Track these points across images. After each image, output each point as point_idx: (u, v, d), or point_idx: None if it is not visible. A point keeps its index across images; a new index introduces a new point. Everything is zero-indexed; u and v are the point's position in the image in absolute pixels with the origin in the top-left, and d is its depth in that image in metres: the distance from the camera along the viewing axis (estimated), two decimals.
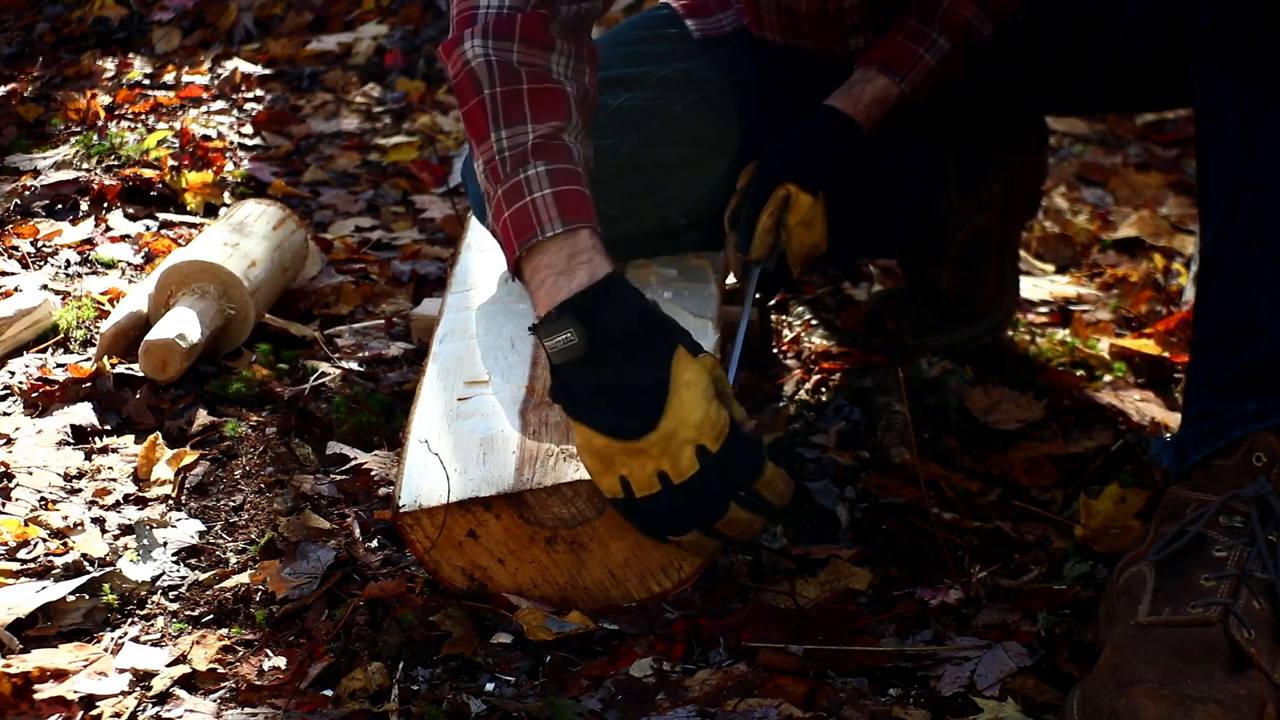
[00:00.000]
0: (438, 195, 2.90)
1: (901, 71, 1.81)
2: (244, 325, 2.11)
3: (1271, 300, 1.43)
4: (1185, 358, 1.88)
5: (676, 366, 1.44)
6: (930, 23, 1.81)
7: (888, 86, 1.81)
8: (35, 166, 2.79)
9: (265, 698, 1.41)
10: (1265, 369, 1.44)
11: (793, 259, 1.79)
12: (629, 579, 1.54)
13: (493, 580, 1.55)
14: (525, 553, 1.53)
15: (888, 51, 1.83)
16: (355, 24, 3.91)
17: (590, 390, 1.45)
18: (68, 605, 1.54)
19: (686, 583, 1.55)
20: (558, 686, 1.43)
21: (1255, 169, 1.44)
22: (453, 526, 1.51)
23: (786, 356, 2.21)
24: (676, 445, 1.43)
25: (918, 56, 1.81)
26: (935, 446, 1.91)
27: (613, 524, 1.51)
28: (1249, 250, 1.45)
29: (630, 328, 1.46)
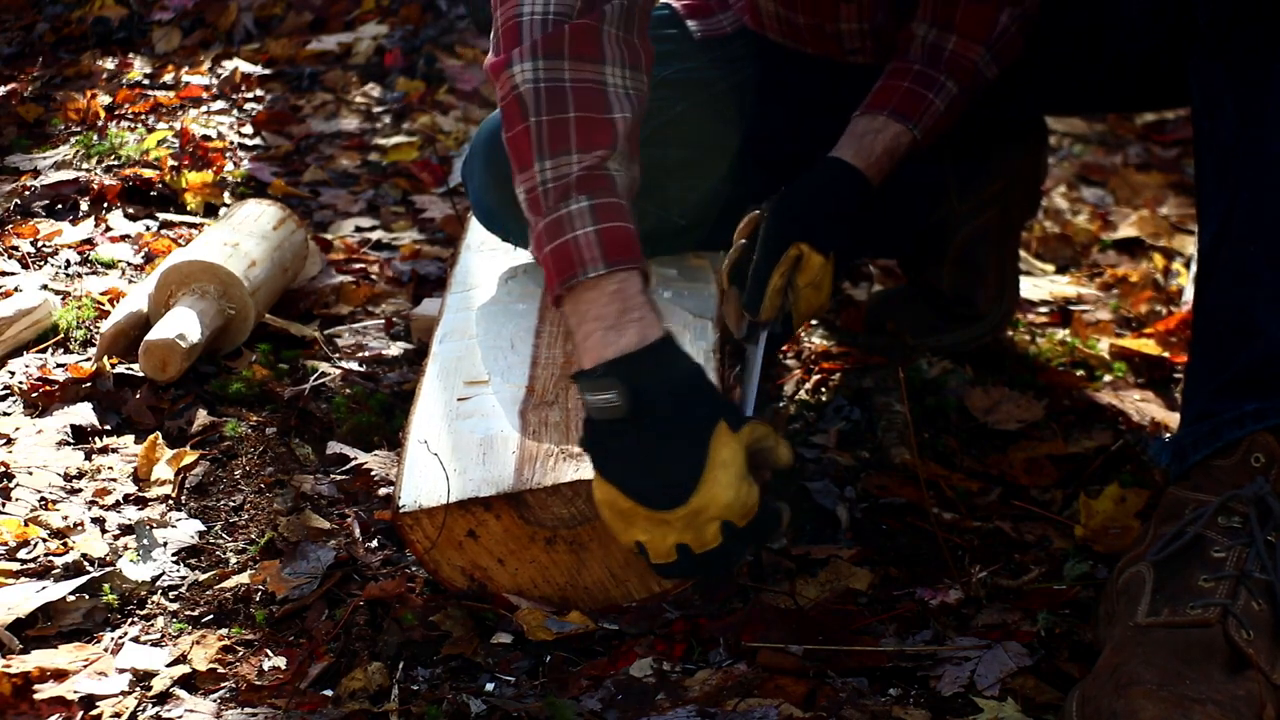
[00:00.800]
0: (438, 195, 2.90)
1: (913, 119, 1.75)
2: (244, 325, 2.11)
3: (1269, 300, 1.43)
4: (1185, 358, 1.88)
5: (716, 443, 1.40)
6: (937, 66, 1.77)
7: (899, 135, 1.74)
8: (35, 166, 2.79)
9: (265, 698, 1.41)
10: (1263, 369, 1.44)
11: (798, 319, 1.71)
12: (629, 578, 1.54)
13: (493, 580, 1.55)
14: (525, 553, 1.53)
15: (897, 97, 1.76)
16: (355, 24, 3.91)
17: (625, 452, 1.42)
18: (68, 605, 1.54)
19: (686, 582, 1.55)
20: (558, 686, 1.43)
21: (1252, 168, 1.44)
22: (453, 526, 1.51)
23: (786, 356, 2.21)
24: (702, 522, 1.41)
25: (928, 102, 1.75)
26: (935, 446, 1.91)
27: None
28: (1246, 250, 1.45)
29: (675, 398, 1.42)
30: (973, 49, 1.76)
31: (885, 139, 1.74)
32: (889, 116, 1.75)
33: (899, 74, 1.78)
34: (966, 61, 1.77)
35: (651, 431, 1.41)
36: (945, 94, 1.76)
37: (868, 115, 1.76)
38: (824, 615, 1.53)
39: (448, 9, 3.94)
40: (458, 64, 3.64)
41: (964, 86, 1.77)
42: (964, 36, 1.76)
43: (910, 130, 1.75)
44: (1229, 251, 1.47)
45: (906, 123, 1.75)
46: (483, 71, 3.61)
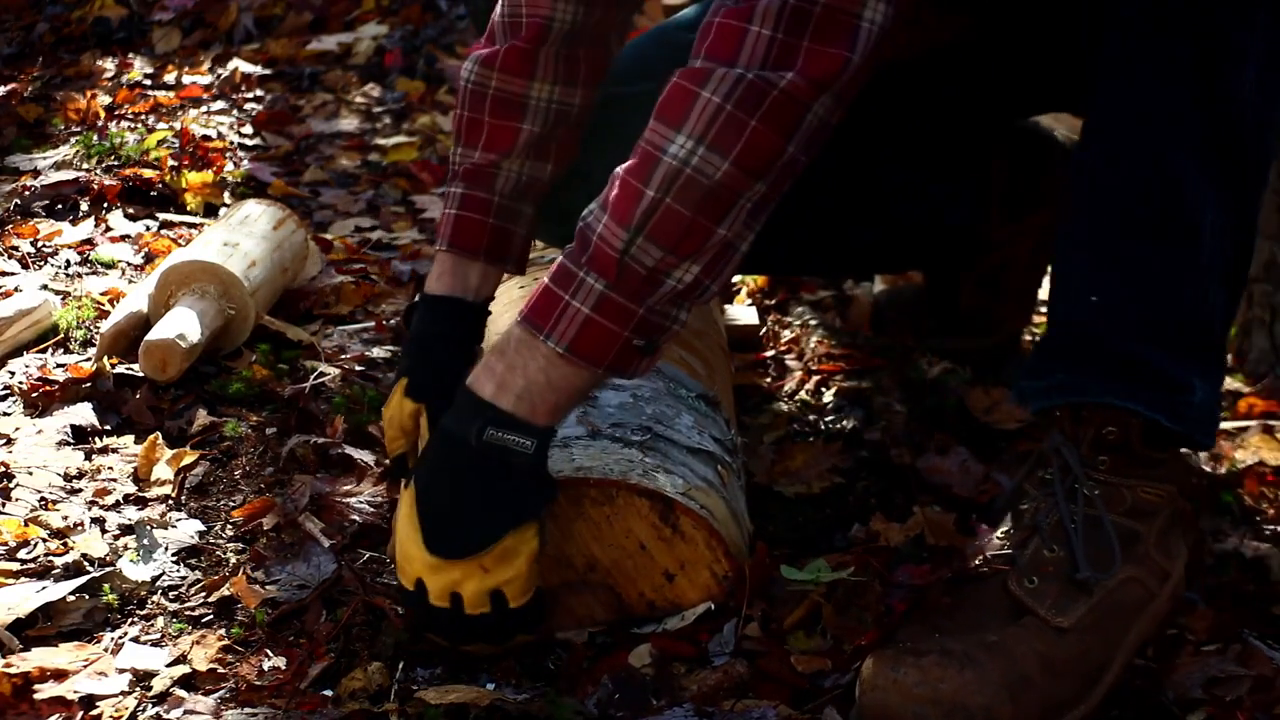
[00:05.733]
0: (438, 195, 2.90)
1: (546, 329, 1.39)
2: (244, 325, 2.11)
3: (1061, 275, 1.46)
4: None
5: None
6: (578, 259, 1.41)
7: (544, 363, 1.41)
8: (35, 166, 2.79)
9: (265, 698, 1.41)
10: (1061, 342, 1.46)
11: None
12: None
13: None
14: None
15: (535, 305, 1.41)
16: (355, 24, 3.91)
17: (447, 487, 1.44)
18: (68, 605, 1.54)
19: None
20: (558, 686, 1.44)
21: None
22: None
23: (787, 357, 2.21)
24: (480, 581, 1.42)
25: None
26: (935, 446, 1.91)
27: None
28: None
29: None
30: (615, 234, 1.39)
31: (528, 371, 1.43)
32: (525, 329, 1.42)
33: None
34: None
35: (475, 476, 1.42)
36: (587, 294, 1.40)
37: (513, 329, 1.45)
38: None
39: (448, 9, 3.94)
40: (458, 64, 3.64)
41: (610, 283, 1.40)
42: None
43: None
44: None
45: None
46: None
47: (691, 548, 1.53)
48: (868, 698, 1.31)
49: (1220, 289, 1.42)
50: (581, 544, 1.53)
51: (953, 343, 2.14)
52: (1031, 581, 1.38)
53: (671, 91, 1.35)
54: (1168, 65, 1.37)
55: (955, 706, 1.28)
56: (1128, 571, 1.40)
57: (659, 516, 1.52)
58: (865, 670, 1.32)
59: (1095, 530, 1.40)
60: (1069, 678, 1.34)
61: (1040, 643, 1.34)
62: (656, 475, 1.52)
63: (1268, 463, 1.88)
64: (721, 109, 1.32)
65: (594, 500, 1.51)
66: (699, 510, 1.51)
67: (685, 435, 1.61)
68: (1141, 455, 1.42)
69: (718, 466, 1.61)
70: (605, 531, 1.52)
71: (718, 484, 1.59)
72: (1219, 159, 1.38)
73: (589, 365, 1.38)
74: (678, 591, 1.54)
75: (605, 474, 1.51)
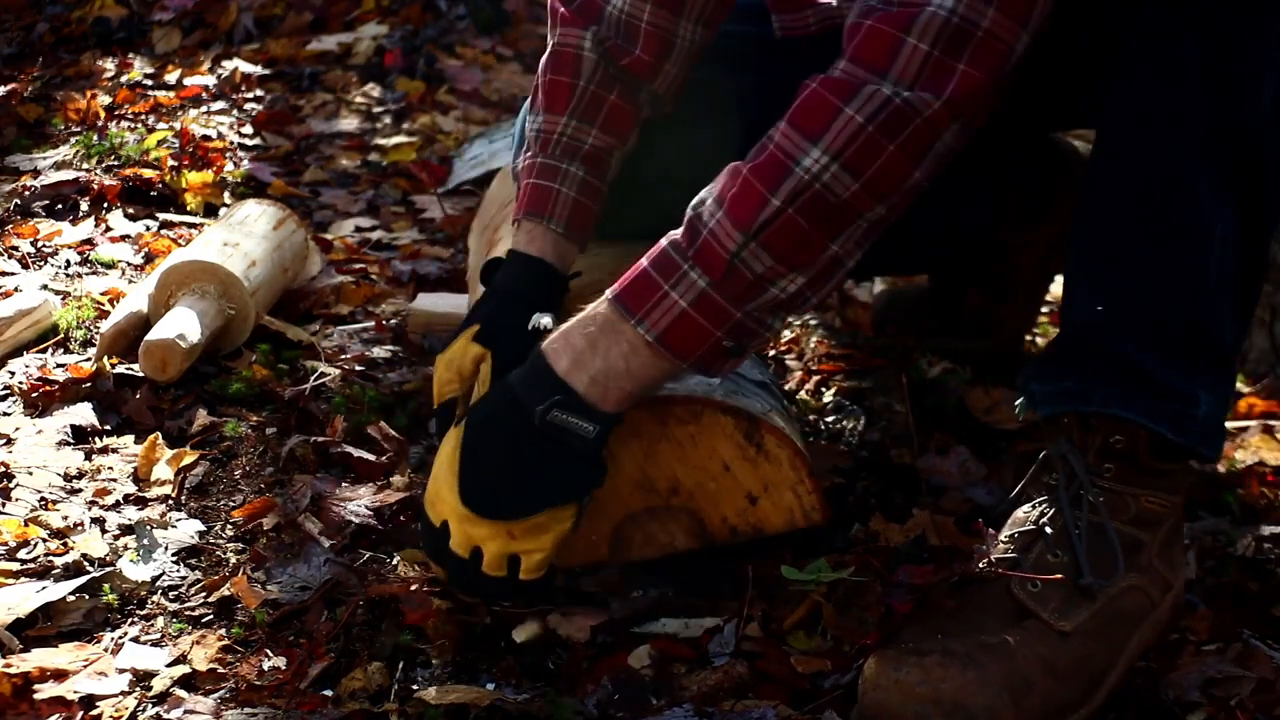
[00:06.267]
0: (438, 195, 2.90)
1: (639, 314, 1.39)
2: (244, 325, 2.11)
3: (1075, 282, 1.46)
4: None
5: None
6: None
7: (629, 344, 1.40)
8: (35, 166, 2.79)
9: (265, 698, 1.41)
10: (1073, 348, 1.46)
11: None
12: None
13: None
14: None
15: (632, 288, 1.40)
16: (355, 24, 3.91)
17: (493, 449, 1.44)
18: (68, 605, 1.54)
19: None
20: (558, 686, 1.44)
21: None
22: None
23: (787, 357, 2.21)
24: (505, 543, 1.43)
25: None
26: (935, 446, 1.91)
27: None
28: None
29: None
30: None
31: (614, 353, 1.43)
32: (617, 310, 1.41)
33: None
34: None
35: (528, 448, 1.41)
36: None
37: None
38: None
39: (448, 9, 3.94)
40: (458, 64, 3.64)
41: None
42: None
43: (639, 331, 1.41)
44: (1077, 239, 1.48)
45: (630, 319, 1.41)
46: (487, 54, 3.61)
47: (776, 468, 1.52)
48: (869, 697, 1.31)
49: (1230, 301, 1.41)
50: (665, 466, 1.52)
51: (953, 343, 2.13)
52: (1035, 585, 1.38)
53: (811, 99, 1.33)
54: (1181, 76, 1.36)
55: (957, 707, 1.28)
56: (1130, 580, 1.40)
57: (744, 435, 1.51)
58: (867, 670, 1.32)
59: (1099, 537, 1.40)
60: (1071, 681, 1.35)
61: (1042, 646, 1.35)
62: (737, 398, 1.52)
63: (1268, 463, 1.88)
64: (863, 130, 1.30)
65: (679, 419, 1.50)
66: (782, 429, 1.51)
67: (749, 371, 1.62)
68: (1147, 466, 1.42)
69: (781, 400, 1.62)
70: (689, 452, 1.51)
71: (787, 415, 1.59)
72: (1231, 170, 1.37)
73: (676, 358, 1.38)
74: (760, 515, 1.53)
75: (690, 393, 1.50)
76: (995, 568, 1.40)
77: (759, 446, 1.51)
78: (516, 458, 1.42)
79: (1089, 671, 1.36)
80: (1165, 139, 1.38)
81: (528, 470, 1.42)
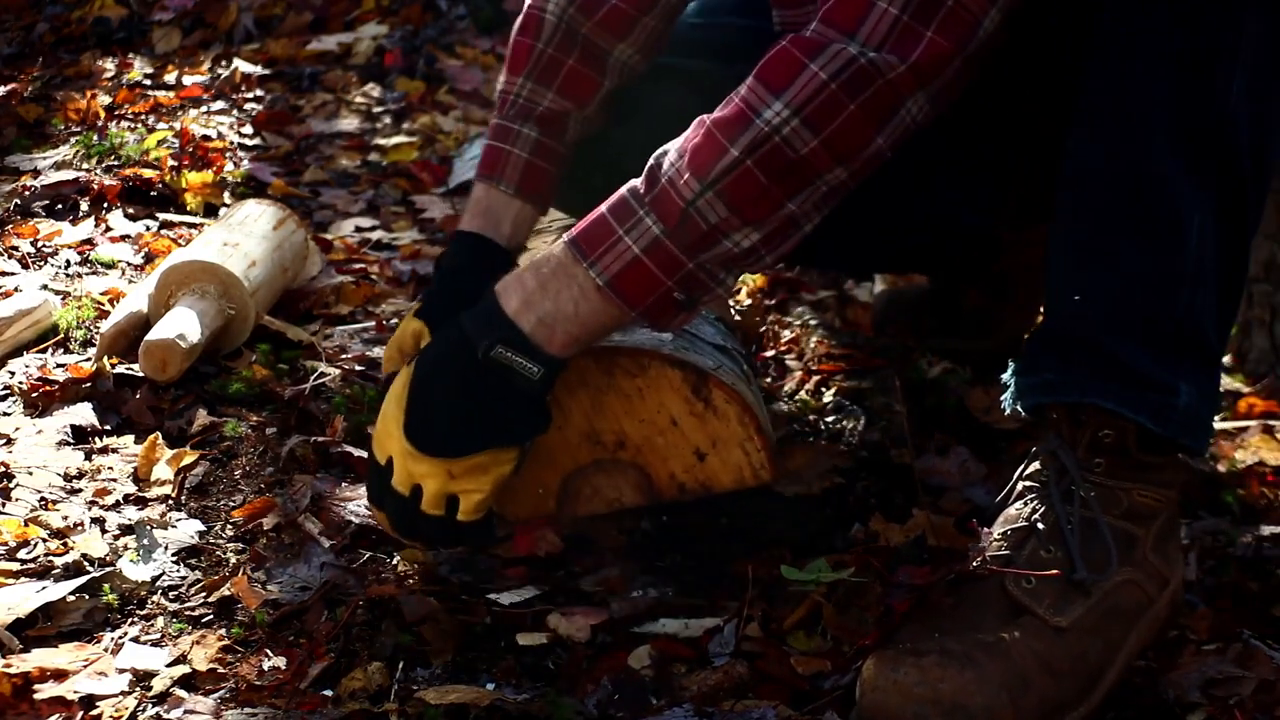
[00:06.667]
0: (438, 195, 2.90)
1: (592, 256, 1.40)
2: (244, 325, 2.11)
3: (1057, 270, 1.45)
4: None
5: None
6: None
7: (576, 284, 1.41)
8: (35, 166, 2.79)
9: (265, 698, 1.41)
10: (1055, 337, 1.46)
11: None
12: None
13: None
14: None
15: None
16: (355, 24, 3.91)
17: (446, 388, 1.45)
18: (68, 605, 1.54)
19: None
20: (558, 686, 1.44)
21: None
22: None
23: (787, 357, 2.21)
24: (444, 481, 1.45)
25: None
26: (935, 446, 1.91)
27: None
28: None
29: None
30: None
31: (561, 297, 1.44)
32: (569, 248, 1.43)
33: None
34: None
35: (472, 385, 1.42)
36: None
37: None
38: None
39: (448, 9, 3.94)
40: (458, 64, 3.64)
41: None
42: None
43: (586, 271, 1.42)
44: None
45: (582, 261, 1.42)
46: (488, 54, 3.61)
47: (724, 424, 1.51)
48: (868, 699, 1.31)
49: (1211, 292, 1.40)
50: (612, 418, 1.51)
51: (953, 343, 2.13)
52: (1029, 582, 1.38)
53: (779, 54, 1.35)
54: (1153, 62, 1.36)
55: (955, 707, 1.28)
56: (1125, 574, 1.40)
57: (691, 390, 1.51)
58: (866, 671, 1.32)
59: (1091, 532, 1.40)
60: (1068, 678, 1.34)
61: (1039, 642, 1.34)
62: (687, 353, 1.52)
63: (1268, 463, 1.88)
64: (826, 86, 1.32)
65: (626, 371, 1.50)
66: (731, 385, 1.51)
67: (709, 337, 1.62)
68: (1138, 460, 1.42)
69: (743, 365, 1.61)
70: (637, 405, 1.51)
71: (742, 377, 1.58)
72: (1205, 160, 1.37)
73: (625, 305, 1.38)
74: (709, 472, 1.53)
75: (638, 345, 1.50)
76: (989, 565, 1.40)
77: (707, 401, 1.50)
78: (460, 394, 1.42)
79: (1086, 668, 1.36)
80: (1137, 128, 1.38)
81: (471, 408, 1.42)
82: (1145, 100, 1.37)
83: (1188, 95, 1.35)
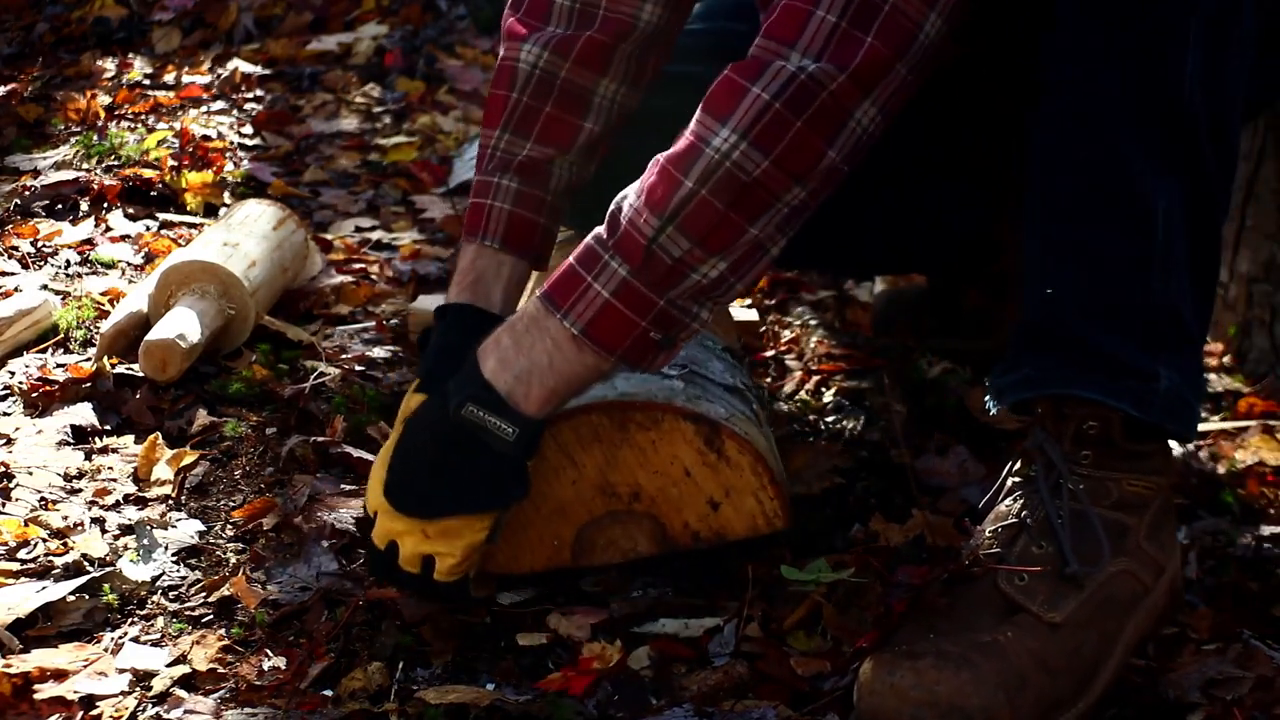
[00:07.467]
0: (438, 195, 2.90)
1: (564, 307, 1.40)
2: (244, 325, 2.11)
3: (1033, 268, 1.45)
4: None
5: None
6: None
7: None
8: (35, 166, 2.79)
9: (265, 698, 1.41)
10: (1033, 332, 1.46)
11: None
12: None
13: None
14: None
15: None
16: (355, 24, 3.91)
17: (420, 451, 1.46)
18: (68, 605, 1.54)
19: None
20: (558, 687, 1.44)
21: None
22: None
23: (787, 357, 2.21)
24: (419, 543, 1.45)
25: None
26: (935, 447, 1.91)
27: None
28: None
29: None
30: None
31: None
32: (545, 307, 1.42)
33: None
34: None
35: (444, 446, 1.43)
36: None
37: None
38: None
39: (448, 9, 3.94)
40: (458, 64, 3.64)
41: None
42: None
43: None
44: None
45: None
46: (487, 54, 3.61)
47: (737, 474, 1.52)
48: (865, 702, 1.31)
49: (1183, 275, 1.40)
50: (626, 471, 1.52)
51: (953, 343, 2.14)
52: (1022, 579, 1.38)
53: (721, 84, 1.35)
54: (1107, 50, 1.36)
55: (952, 708, 1.28)
56: (1119, 564, 1.40)
57: (704, 441, 1.51)
58: (862, 674, 1.32)
59: (1082, 525, 1.40)
60: (1065, 675, 1.34)
61: (1034, 640, 1.34)
62: (700, 403, 1.52)
63: (1268, 463, 1.88)
64: (770, 106, 1.32)
65: (640, 425, 1.51)
66: (744, 435, 1.51)
67: (719, 376, 1.62)
68: (1124, 448, 1.42)
69: (753, 405, 1.62)
70: (650, 457, 1.52)
71: (754, 420, 1.59)
72: (1166, 144, 1.37)
73: (603, 350, 1.38)
74: (723, 520, 1.53)
75: (650, 398, 1.51)
76: (980, 563, 1.40)
77: (720, 452, 1.51)
78: (435, 456, 1.43)
79: (1082, 663, 1.36)
80: (1096, 117, 1.38)
81: (446, 471, 1.42)
82: (1102, 88, 1.37)
83: (1144, 81, 1.36)
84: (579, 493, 1.52)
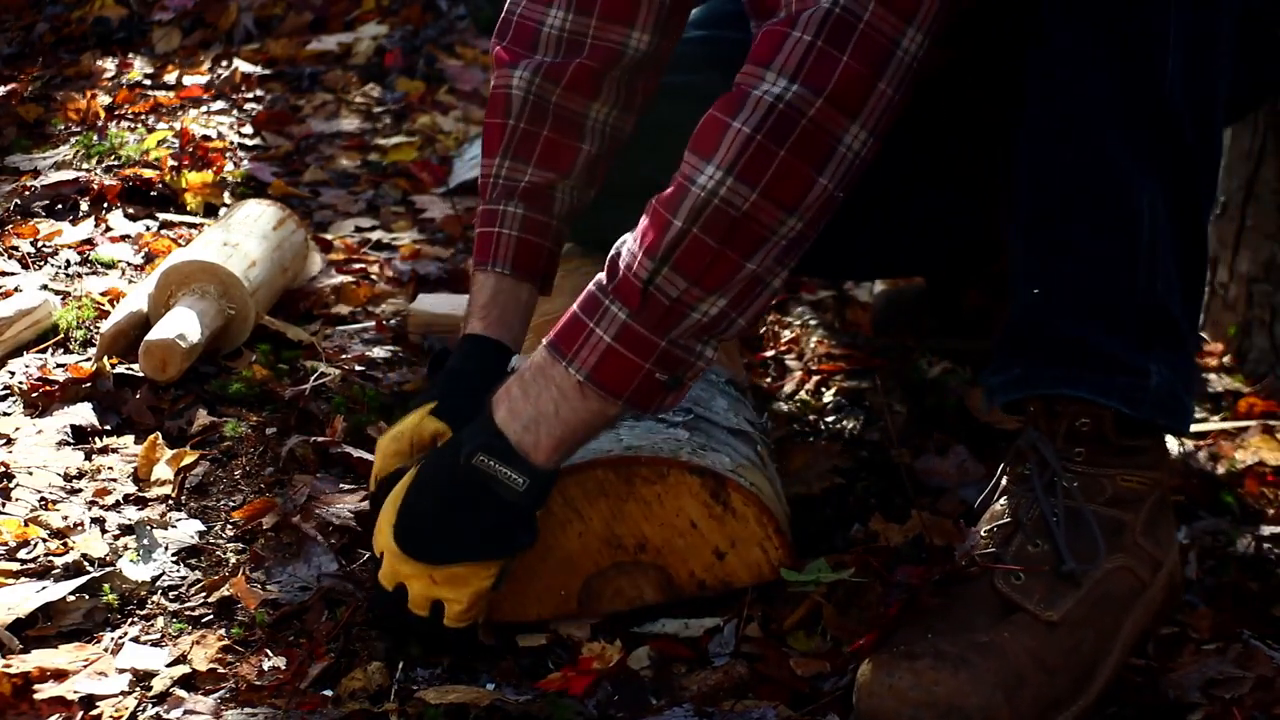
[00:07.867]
0: (438, 195, 2.90)
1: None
2: (244, 325, 2.11)
3: (1023, 265, 1.46)
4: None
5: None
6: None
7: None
8: (35, 166, 2.79)
9: (265, 698, 1.41)
10: (1021, 332, 1.46)
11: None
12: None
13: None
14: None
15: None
16: (355, 24, 3.91)
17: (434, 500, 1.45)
18: (68, 605, 1.54)
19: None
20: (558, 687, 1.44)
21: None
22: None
23: (787, 357, 2.21)
24: (427, 589, 1.44)
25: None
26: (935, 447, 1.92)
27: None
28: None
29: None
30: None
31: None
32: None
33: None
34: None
35: (454, 494, 1.42)
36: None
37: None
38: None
39: (448, 9, 3.94)
40: (458, 64, 3.64)
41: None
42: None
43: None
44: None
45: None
46: (487, 54, 3.61)
47: (742, 525, 1.53)
48: (864, 704, 1.31)
49: (1170, 270, 1.41)
50: (633, 524, 1.53)
51: (953, 343, 2.14)
52: (1018, 578, 1.38)
53: (705, 122, 1.35)
54: (1098, 53, 1.36)
55: (950, 709, 1.28)
56: (1115, 561, 1.40)
57: (710, 494, 1.52)
58: (861, 676, 1.32)
59: (1077, 522, 1.40)
60: (1063, 673, 1.35)
61: (1031, 638, 1.34)
62: (705, 454, 1.53)
63: (1268, 463, 1.88)
64: (752, 139, 1.31)
65: (645, 479, 1.52)
66: (749, 487, 1.52)
67: (724, 417, 1.63)
68: (1117, 444, 1.42)
69: (757, 447, 1.62)
70: (656, 510, 1.53)
71: (759, 464, 1.60)
72: (1152, 142, 1.38)
73: (608, 395, 1.37)
74: (728, 570, 1.54)
75: (656, 452, 1.52)
76: (976, 563, 1.40)
77: (725, 504, 1.53)
78: (445, 502, 1.43)
79: (1080, 662, 1.36)
80: (1080, 117, 1.38)
81: (455, 518, 1.42)
82: (1089, 91, 1.38)
83: (1129, 83, 1.36)
84: (585, 545, 1.53)
